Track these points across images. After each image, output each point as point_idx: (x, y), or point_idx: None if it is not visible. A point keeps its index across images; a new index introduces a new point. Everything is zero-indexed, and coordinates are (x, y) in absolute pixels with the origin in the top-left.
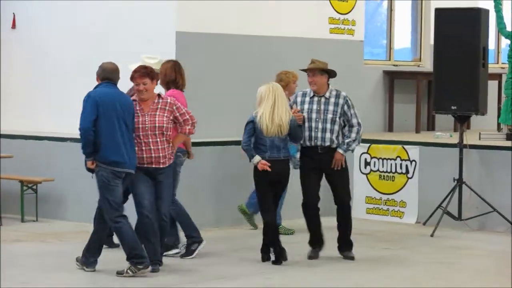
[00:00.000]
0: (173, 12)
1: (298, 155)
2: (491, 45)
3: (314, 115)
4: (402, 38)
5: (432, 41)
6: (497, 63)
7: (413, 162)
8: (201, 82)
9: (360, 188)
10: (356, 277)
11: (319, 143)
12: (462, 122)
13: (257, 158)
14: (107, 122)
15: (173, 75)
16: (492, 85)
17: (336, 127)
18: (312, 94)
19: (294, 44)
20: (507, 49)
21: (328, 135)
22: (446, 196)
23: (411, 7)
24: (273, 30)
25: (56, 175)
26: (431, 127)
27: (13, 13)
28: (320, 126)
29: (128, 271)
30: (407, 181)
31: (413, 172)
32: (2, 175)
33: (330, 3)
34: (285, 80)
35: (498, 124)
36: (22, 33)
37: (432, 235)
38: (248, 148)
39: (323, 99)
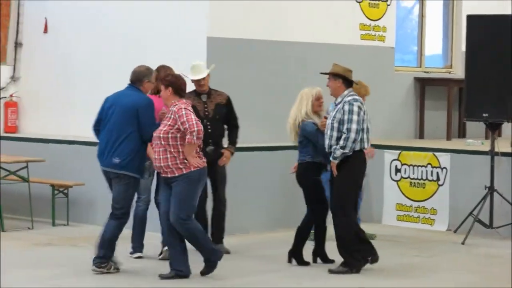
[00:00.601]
0: (204, 18)
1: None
2: None
3: (328, 121)
4: (433, 45)
5: (463, 48)
6: None
7: (444, 170)
8: (232, 87)
9: (390, 195)
10: (385, 284)
11: (326, 149)
12: (493, 129)
13: None
14: (103, 122)
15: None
16: None
17: (335, 134)
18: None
19: (325, 50)
20: None
21: (327, 142)
22: (478, 204)
23: (442, 13)
24: (304, 36)
25: (87, 180)
26: (462, 134)
27: (45, 17)
28: (327, 132)
29: (95, 267)
30: (438, 188)
31: (444, 180)
32: (33, 179)
33: (361, 9)
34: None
35: None
36: (49, 37)
37: (463, 243)
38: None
39: (335, 105)
